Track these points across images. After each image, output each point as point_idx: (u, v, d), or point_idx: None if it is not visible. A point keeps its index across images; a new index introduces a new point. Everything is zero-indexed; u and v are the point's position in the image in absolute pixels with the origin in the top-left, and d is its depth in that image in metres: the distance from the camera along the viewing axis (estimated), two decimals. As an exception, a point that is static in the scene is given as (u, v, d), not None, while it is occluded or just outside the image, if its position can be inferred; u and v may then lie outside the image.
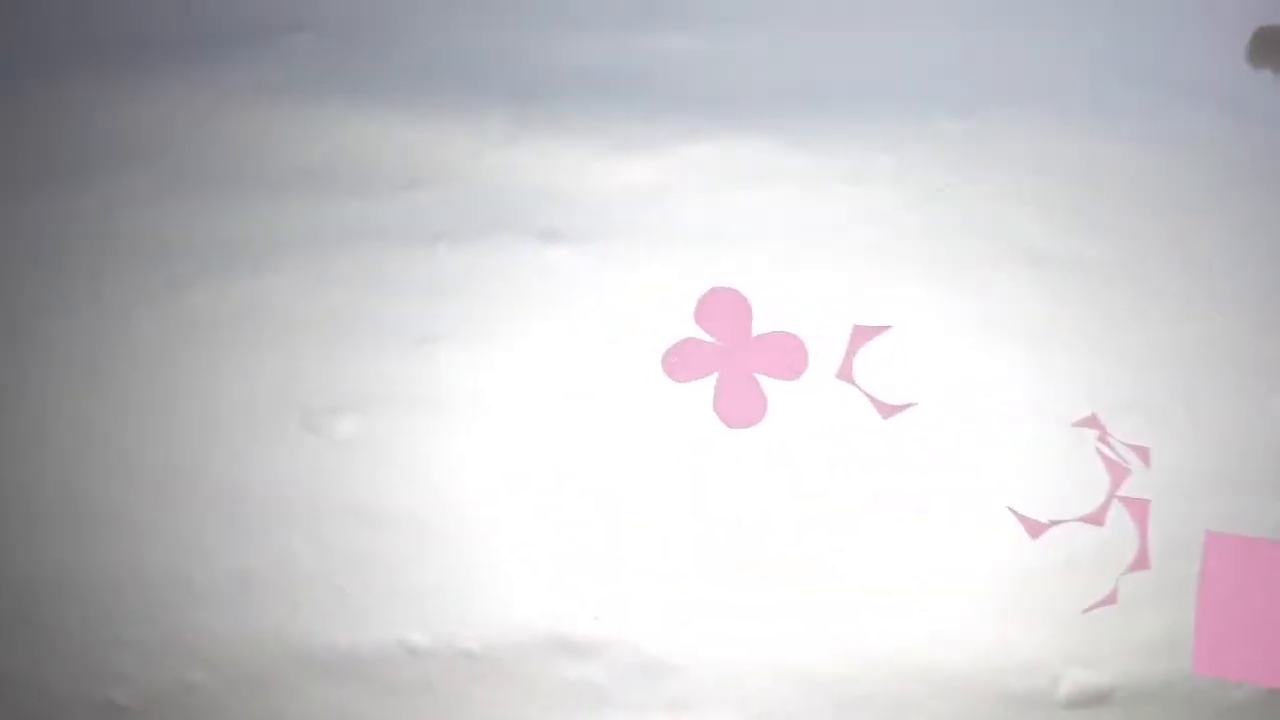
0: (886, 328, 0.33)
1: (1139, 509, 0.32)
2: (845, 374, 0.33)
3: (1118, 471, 0.33)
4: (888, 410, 0.33)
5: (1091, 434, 0.33)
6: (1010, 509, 0.32)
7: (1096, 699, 0.32)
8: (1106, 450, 0.33)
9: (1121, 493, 0.33)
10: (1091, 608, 0.32)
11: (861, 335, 0.33)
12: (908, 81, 0.35)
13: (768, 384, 0.30)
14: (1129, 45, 0.34)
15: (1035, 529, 0.32)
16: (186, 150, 0.34)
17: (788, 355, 0.30)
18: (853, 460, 0.33)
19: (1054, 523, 0.33)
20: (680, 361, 0.29)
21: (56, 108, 0.34)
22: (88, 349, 0.33)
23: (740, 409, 0.30)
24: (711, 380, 0.30)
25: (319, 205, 0.34)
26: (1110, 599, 0.32)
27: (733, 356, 0.29)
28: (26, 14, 0.34)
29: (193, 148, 0.34)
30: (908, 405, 0.33)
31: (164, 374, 0.33)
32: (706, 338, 0.30)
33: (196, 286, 0.34)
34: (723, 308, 0.29)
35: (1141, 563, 0.32)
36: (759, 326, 0.30)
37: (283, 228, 0.34)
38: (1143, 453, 0.33)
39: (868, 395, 0.33)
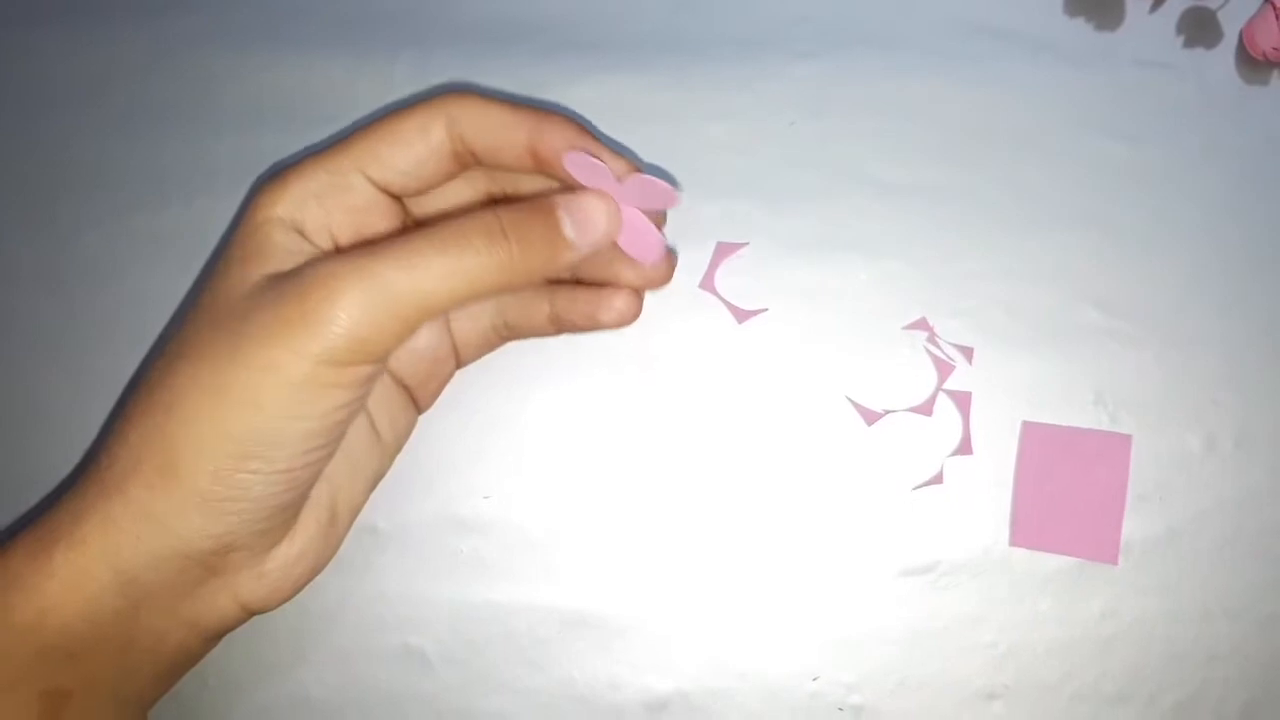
0: (744, 244, 0.37)
1: (963, 400, 0.36)
2: (708, 284, 0.37)
3: (944, 368, 0.36)
4: (743, 315, 0.37)
5: (921, 335, 0.37)
6: (849, 399, 0.36)
7: (922, 569, 0.36)
8: (934, 349, 0.37)
9: (947, 386, 0.36)
10: (920, 486, 0.36)
11: (723, 251, 0.37)
12: (761, 29, 0.39)
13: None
14: None
15: (870, 417, 0.36)
16: (131, 91, 0.39)
17: (653, 193, 0.28)
18: (711, 360, 0.37)
19: (887, 412, 0.36)
20: None
21: (22, 52, 0.39)
22: (43, 264, 0.38)
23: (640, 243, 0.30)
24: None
25: (245, 140, 0.38)
26: (937, 479, 0.36)
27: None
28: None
29: (136, 89, 0.39)
30: (760, 311, 0.37)
31: (110, 287, 0.38)
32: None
33: (138, 211, 0.38)
34: (582, 169, 0.28)
35: (965, 448, 0.36)
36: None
37: (214, 160, 0.38)
38: (967, 352, 0.36)
39: (726, 302, 0.37)
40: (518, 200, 0.29)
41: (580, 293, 0.31)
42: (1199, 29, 0.38)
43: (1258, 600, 0.35)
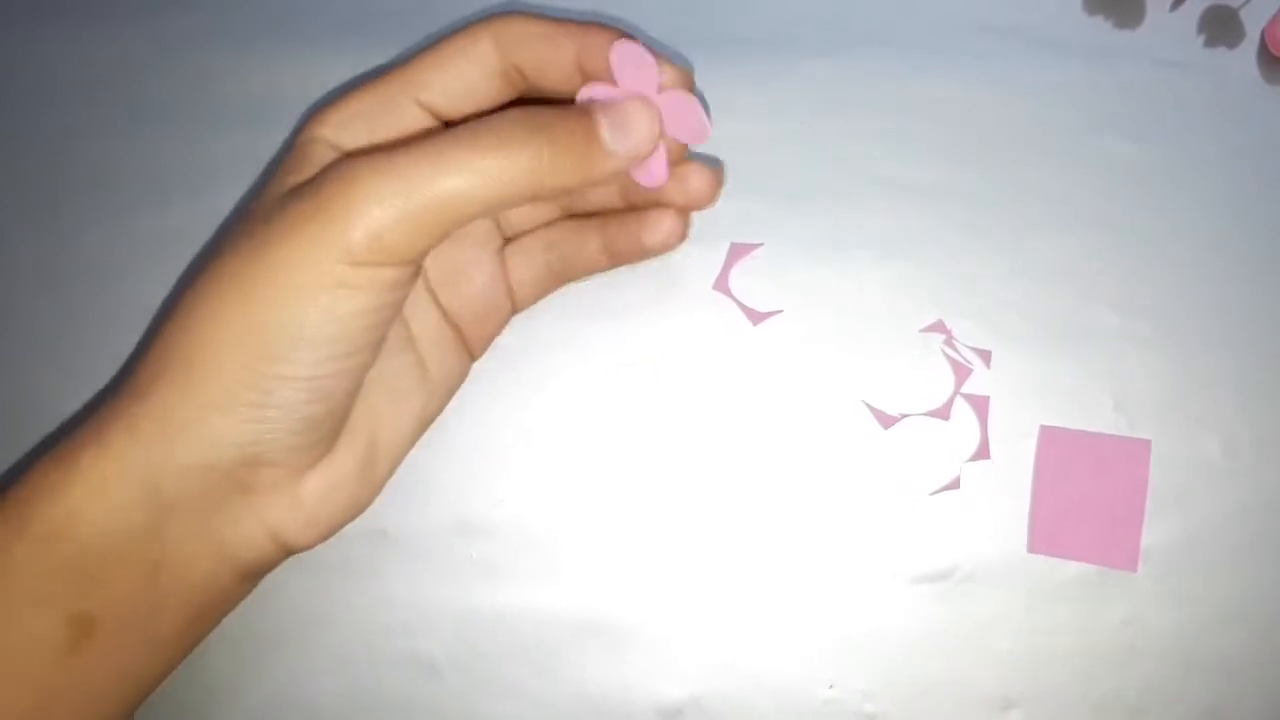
0: (758, 245, 0.37)
1: (980, 404, 0.36)
2: (722, 286, 0.36)
3: (961, 371, 0.36)
4: (757, 317, 0.36)
5: (938, 338, 0.36)
6: (864, 402, 0.36)
7: (938, 575, 0.35)
8: (951, 352, 0.36)
9: (964, 390, 0.36)
10: (937, 492, 0.35)
11: (737, 252, 0.37)
12: (772, 27, 0.38)
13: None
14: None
15: (886, 421, 0.36)
16: (131, 91, 0.38)
17: (687, 117, 0.28)
18: (725, 362, 0.36)
19: (903, 416, 0.36)
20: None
21: (22, 52, 0.38)
22: (43, 264, 0.37)
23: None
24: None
25: (250, 138, 0.37)
26: (954, 484, 0.35)
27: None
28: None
29: (136, 89, 0.38)
30: (775, 313, 0.36)
31: (110, 287, 0.37)
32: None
33: (138, 211, 0.38)
34: (629, 61, 0.27)
35: (982, 453, 0.35)
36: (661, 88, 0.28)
37: (214, 159, 0.37)
38: (984, 355, 0.36)
39: (740, 304, 0.36)
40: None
41: (629, 218, 0.31)
42: (1220, 28, 0.37)
43: (1279, 607, 0.34)
